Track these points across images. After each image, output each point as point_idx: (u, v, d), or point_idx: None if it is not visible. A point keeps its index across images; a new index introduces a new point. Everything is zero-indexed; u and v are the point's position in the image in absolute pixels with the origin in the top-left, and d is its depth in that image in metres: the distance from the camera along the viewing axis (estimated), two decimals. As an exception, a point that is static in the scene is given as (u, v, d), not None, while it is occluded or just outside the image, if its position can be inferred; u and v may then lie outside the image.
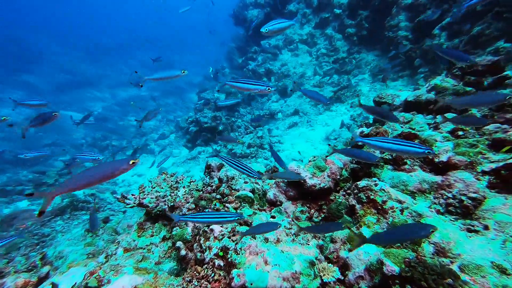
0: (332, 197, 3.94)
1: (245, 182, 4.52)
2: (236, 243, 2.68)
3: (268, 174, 3.76)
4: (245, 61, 21.88)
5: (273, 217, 3.78)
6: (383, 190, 3.34)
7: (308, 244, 2.71)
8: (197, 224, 3.43)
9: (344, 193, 4.01)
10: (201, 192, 4.20)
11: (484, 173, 3.27)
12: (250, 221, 3.09)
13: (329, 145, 3.83)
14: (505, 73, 5.87)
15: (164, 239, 3.92)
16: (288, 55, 19.56)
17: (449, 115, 5.20)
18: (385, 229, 2.99)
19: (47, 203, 1.90)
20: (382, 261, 2.29)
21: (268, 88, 3.60)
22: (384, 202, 3.21)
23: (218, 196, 3.82)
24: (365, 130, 4.91)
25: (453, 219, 3.00)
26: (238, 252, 2.57)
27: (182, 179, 4.61)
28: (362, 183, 3.49)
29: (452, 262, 2.50)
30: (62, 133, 21.00)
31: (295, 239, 2.76)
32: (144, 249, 3.76)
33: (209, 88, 20.72)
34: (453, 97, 5.38)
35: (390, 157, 3.92)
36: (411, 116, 5.88)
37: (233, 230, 2.94)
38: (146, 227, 4.07)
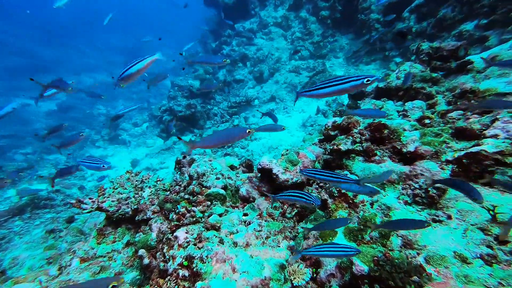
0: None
1: (217, 178, 4.36)
2: (203, 251, 2.54)
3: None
4: (219, 45, 21.05)
5: (245, 214, 3.69)
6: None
7: (279, 246, 2.66)
8: None
9: (317, 186, 3.99)
10: (168, 192, 3.95)
11: (447, 162, 3.35)
12: (218, 225, 2.96)
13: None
14: (467, 58, 6.05)
15: (128, 244, 3.67)
16: (263, 39, 19.07)
17: (417, 102, 5.31)
18: (355, 223, 3.00)
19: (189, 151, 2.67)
20: (352, 260, 2.28)
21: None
22: (355, 196, 3.21)
23: (187, 196, 3.62)
24: (338, 120, 4.88)
25: (419, 210, 3.07)
26: (204, 260, 2.45)
27: (148, 178, 4.33)
28: (333, 177, 3.46)
29: (418, 254, 2.55)
30: (21, 123, 19.31)
31: (265, 241, 2.68)
32: (104, 257, 3.50)
33: (182, 74, 19.84)
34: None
35: (361, 148, 3.92)
36: (382, 103, 5.95)
37: (199, 237, 2.79)
38: (107, 233, 3.79)
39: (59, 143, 4.34)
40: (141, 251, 3.08)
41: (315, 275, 2.75)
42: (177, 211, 3.22)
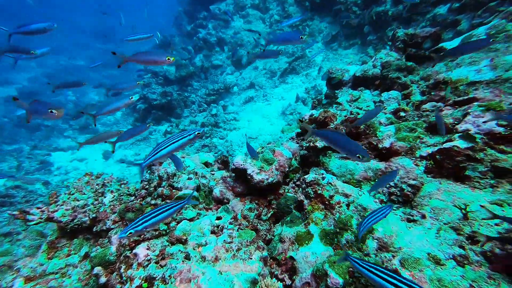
0: (281, 191, 3.77)
1: (189, 179, 4.12)
2: (165, 269, 2.33)
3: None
4: (194, 28, 19.96)
5: (219, 218, 3.51)
6: (330, 184, 3.24)
7: (251, 258, 2.52)
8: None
9: (294, 185, 3.87)
10: (133, 197, 3.63)
11: (422, 158, 3.33)
12: (185, 238, 2.75)
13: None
14: (440, 44, 6.05)
15: (86, 256, 3.34)
16: (240, 22, 18.28)
17: (393, 93, 5.26)
18: (332, 226, 2.92)
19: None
20: (327, 272, 2.19)
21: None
22: (331, 197, 3.12)
23: (153, 202, 3.34)
24: (315, 113, 4.73)
25: (395, 209, 3.04)
26: (167, 281, 2.24)
27: (111, 181, 3.97)
28: (309, 177, 3.35)
29: (393, 257, 2.52)
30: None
31: (236, 254, 2.53)
32: (56, 273, 3.14)
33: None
34: None
35: (337, 145, 3.81)
36: (358, 93, 5.86)
37: (162, 253, 2.56)
38: (61, 245, 3.41)
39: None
40: (97, 269, 2.76)
41: (290, 282, 2.67)
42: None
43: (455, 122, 3.50)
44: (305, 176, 3.40)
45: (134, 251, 2.56)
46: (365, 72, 6.20)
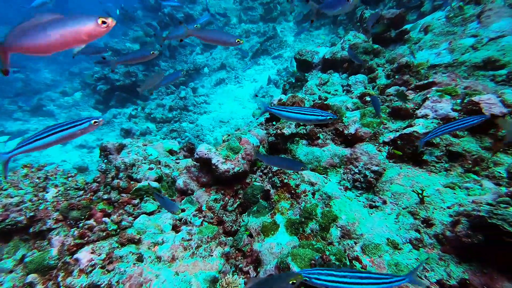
0: (248, 180, 3.67)
1: (150, 169, 3.85)
2: (112, 275, 2.14)
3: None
4: (158, 1, 18.41)
5: (182, 210, 3.35)
6: (297, 172, 3.19)
7: (212, 255, 2.42)
8: None
9: (261, 173, 3.78)
10: (82, 191, 3.26)
11: (384, 143, 3.39)
12: (138, 237, 2.55)
13: None
14: (404, 27, 6.12)
15: (23, 260, 2.96)
16: (209, -3, 17.18)
17: (360, 76, 5.28)
18: (297, 215, 2.89)
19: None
20: (289, 266, 2.16)
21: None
22: (297, 185, 3.08)
23: (106, 196, 3.05)
24: (284, 98, 4.60)
25: (358, 195, 3.09)
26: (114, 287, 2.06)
27: (55, 173, 3.55)
28: (276, 166, 3.26)
29: (355, 243, 2.57)
30: None
31: (195, 252, 2.41)
32: None
33: (118, 35, 17.17)
34: None
35: (305, 131, 3.75)
36: (327, 76, 5.81)
37: (109, 257, 2.35)
38: None
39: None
40: (32, 277, 2.39)
41: (255, 274, 2.63)
42: (80, 224, 2.63)
43: (415, 107, 3.57)
44: (272, 165, 3.32)
45: (75, 256, 2.31)
46: (334, 55, 6.14)
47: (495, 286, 1.86)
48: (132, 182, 3.54)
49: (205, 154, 3.54)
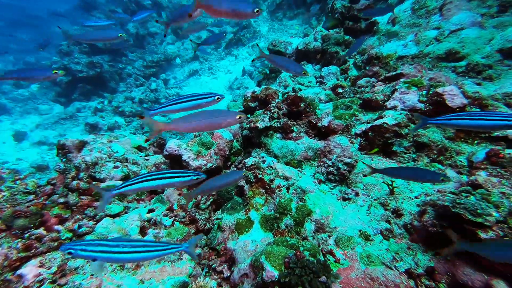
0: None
1: (115, 167, 3.58)
2: None
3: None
4: (123, -13, 17.15)
5: (151, 210, 3.16)
6: (271, 167, 3.12)
7: (181, 259, 2.29)
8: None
9: (235, 169, 3.68)
10: (33, 195, 2.86)
11: (356, 135, 3.42)
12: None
13: None
14: (374, 18, 6.21)
15: None
16: (178, -16, 16.31)
17: (333, 68, 5.29)
18: (272, 211, 2.84)
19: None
20: (263, 265, 2.10)
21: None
22: (272, 180, 3.01)
23: (63, 200, 2.74)
24: (257, 90, 4.49)
25: (332, 187, 3.10)
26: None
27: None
28: (249, 161, 3.17)
29: (329, 237, 2.58)
30: None
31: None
32: None
33: (78, 24, 15.79)
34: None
35: (279, 125, 3.68)
36: (301, 68, 5.77)
37: (61, 270, 2.11)
38: None
39: None
40: None
41: (229, 274, 2.56)
42: (26, 235, 2.30)
43: (385, 99, 3.63)
44: (245, 160, 3.22)
45: (18, 271, 2.04)
46: (307, 46, 6.10)
47: (458, 272, 1.94)
48: (94, 182, 3.27)
49: (175, 151, 3.35)
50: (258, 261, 2.25)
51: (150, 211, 3.13)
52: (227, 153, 3.56)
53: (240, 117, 1.97)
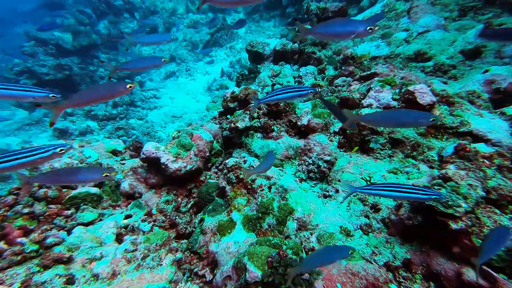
0: (203, 178, 3.47)
1: (90, 175, 3.38)
2: None
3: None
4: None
5: (128, 216, 3.01)
6: (252, 167, 3.10)
7: (161, 265, 2.20)
8: None
9: (216, 170, 3.62)
10: None
11: (335, 133, 3.49)
12: (68, 256, 2.09)
13: None
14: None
15: None
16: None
17: (310, 67, 5.39)
18: (254, 211, 2.82)
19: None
20: (246, 266, 2.07)
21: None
22: (253, 180, 2.99)
23: (27, 210, 2.51)
24: (236, 90, 4.45)
25: (313, 185, 3.14)
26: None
27: None
28: (230, 162, 3.13)
29: (311, 234, 2.60)
30: None
31: (141, 263, 2.16)
32: None
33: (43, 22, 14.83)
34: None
35: (259, 124, 3.67)
36: (279, 68, 5.82)
37: (25, 286, 1.92)
38: None
39: None
40: None
41: (211, 277, 2.49)
42: None
43: (361, 97, 3.75)
44: (226, 161, 3.17)
45: None
46: (284, 46, 6.16)
47: (432, 262, 2.03)
48: (64, 189, 3.06)
49: (153, 153, 3.23)
50: (241, 262, 2.21)
51: (127, 217, 2.98)
52: (207, 154, 3.49)
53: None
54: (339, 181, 3.04)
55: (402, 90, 3.35)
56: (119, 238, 2.49)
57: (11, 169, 1.83)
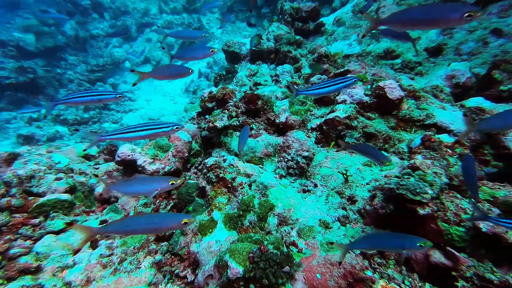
0: (182, 179, 3.41)
1: (58, 179, 3.20)
2: None
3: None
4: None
5: (104, 221, 2.89)
6: (232, 165, 3.09)
7: (140, 268, 2.14)
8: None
9: (196, 170, 3.57)
10: None
11: (312, 129, 3.58)
12: (36, 265, 2.01)
13: None
14: (320, 20, 6.62)
15: None
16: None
17: (287, 66, 5.47)
18: (235, 209, 2.81)
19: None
20: (227, 263, 2.07)
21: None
22: (234, 179, 2.99)
23: None
24: (214, 90, 4.43)
25: (292, 181, 3.20)
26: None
27: None
28: (210, 161, 3.10)
29: (292, 229, 2.64)
30: None
31: (118, 268, 2.09)
32: None
33: (1, 24, 13.82)
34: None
35: (238, 123, 3.68)
36: (256, 67, 5.86)
37: None
38: None
39: None
40: None
41: (193, 278, 2.46)
42: None
43: (335, 94, 3.87)
44: (206, 161, 3.14)
45: None
46: (260, 46, 6.21)
47: (406, 245, 2.14)
48: (31, 197, 2.88)
49: (128, 156, 3.13)
50: (222, 260, 2.21)
51: (103, 222, 2.86)
52: (186, 154, 3.44)
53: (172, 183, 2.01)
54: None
55: (373, 86, 3.51)
56: (94, 245, 2.39)
57: (141, 138, 2.18)
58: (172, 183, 1.97)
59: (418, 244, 1.64)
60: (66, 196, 3.01)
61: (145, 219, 1.77)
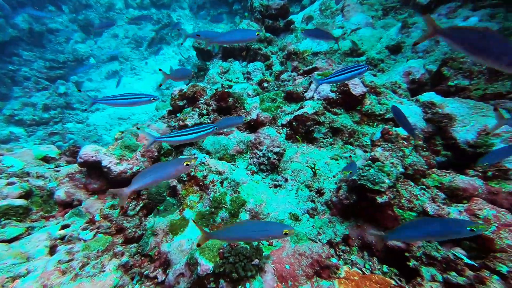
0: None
1: (9, 184, 2.97)
2: None
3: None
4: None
5: (66, 226, 2.74)
6: (203, 163, 3.08)
7: (104, 271, 2.07)
8: None
9: (165, 169, 3.49)
10: None
11: (282, 126, 3.66)
12: None
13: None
14: (289, 17, 6.73)
15: None
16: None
17: (258, 64, 5.52)
18: (207, 207, 2.81)
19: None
20: (197, 260, 2.07)
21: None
22: (205, 177, 2.97)
23: None
24: (184, 88, 4.35)
25: (264, 177, 3.25)
26: None
27: None
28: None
29: (263, 223, 2.69)
30: None
31: (79, 273, 2.00)
32: None
33: None
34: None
35: (209, 121, 3.65)
36: (228, 65, 5.84)
37: None
38: None
39: None
40: None
41: (164, 278, 2.43)
42: None
43: (304, 90, 3.98)
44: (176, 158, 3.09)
45: None
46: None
47: (365, 234, 2.30)
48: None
49: (92, 157, 2.98)
50: (193, 257, 2.21)
51: (64, 227, 2.71)
52: (156, 154, 3.36)
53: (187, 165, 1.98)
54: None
55: (338, 83, 3.66)
56: (53, 251, 2.26)
57: (188, 141, 2.45)
58: (187, 164, 1.93)
59: (468, 229, 1.47)
60: (20, 202, 2.80)
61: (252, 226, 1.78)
